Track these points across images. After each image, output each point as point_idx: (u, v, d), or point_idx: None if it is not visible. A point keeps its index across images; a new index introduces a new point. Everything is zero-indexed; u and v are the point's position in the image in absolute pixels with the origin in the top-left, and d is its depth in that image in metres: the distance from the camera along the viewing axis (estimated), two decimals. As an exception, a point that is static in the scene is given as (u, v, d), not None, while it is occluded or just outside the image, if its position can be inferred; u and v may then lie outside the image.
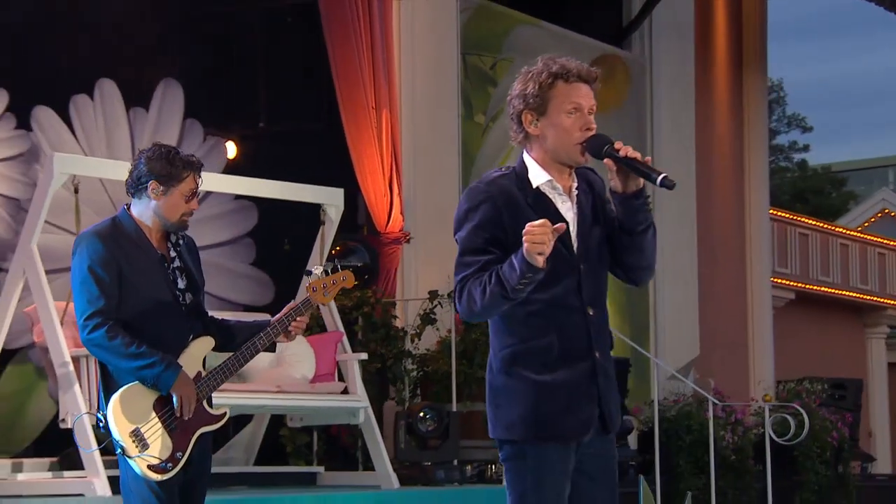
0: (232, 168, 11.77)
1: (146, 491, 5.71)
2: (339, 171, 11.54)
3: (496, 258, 4.49)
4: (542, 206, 4.59)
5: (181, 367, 5.77)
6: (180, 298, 5.94)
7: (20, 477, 8.89)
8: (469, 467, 10.81)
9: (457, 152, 12.46)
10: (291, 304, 6.24)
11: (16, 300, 8.97)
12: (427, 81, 12.29)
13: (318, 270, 6.28)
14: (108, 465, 8.51)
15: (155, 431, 5.75)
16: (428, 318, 10.90)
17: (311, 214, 10.32)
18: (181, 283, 5.99)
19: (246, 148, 12.14)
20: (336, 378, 9.74)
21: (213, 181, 10.37)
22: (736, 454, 12.31)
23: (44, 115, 10.69)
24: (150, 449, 5.70)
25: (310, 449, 10.67)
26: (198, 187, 6.05)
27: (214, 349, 6.09)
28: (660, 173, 4.49)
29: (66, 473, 8.97)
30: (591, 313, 4.62)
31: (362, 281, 11.29)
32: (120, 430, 5.68)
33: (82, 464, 8.74)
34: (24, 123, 10.57)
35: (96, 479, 8.39)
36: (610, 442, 4.75)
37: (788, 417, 11.23)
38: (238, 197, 11.20)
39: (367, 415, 9.62)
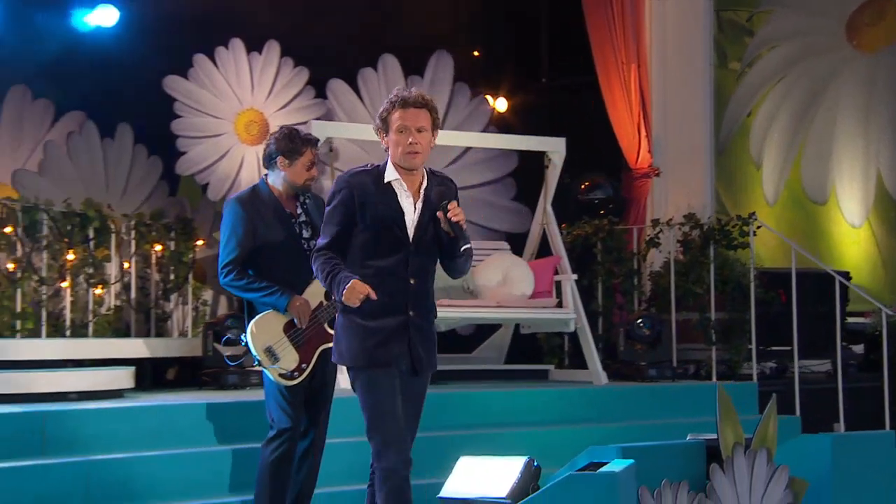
0: (501, 121, 12.36)
1: (278, 395, 6.52)
2: (600, 117, 12.02)
3: (343, 231, 5.39)
4: (387, 197, 5.36)
5: (293, 294, 6.48)
6: (304, 246, 6.63)
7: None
8: (692, 366, 11.16)
9: (705, 97, 12.59)
10: None
11: None
12: (678, 38, 12.48)
13: None
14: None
15: (284, 348, 6.51)
16: (652, 242, 11.23)
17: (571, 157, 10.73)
18: (305, 234, 6.67)
19: (528, 101, 12.69)
20: (554, 294, 10.20)
21: (452, 138, 10.95)
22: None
23: (337, 87, 11.50)
24: (280, 361, 6.48)
25: (562, 349, 11.29)
26: (315, 157, 6.70)
27: None
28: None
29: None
30: (412, 282, 5.35)
31: (607, 210, 11.80)
32: (256, 348, 6.48)
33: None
34: (321, 93, 11.47)
35: (340, 374, 9.31)
36: (420, 379, 5.56)
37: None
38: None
39: (583, 323, 10.14)
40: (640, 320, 10.59)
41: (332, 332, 6.49)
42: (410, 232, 5.40)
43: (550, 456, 7.16)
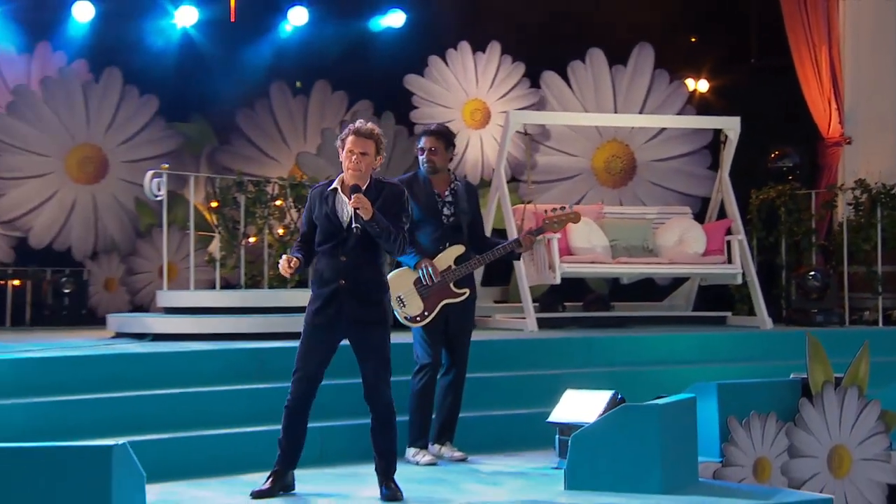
0: (704, 101, 12.64)
1: (420, 338, 7.40)
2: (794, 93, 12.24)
3: (308, 227, 6.41)
4: (331, 201, 6.31)
5: (422, 257, 7.31)
6: (444, 221, 7.42)
7: (498, 316, 10.75)
8: (867, 313, 11.31)
9: (898, 71, 12.51)
10: (529, 228, 7.61)
11: (495, 202, 10.72)
12: (874, 18, 12.37)
13: (551, 210, 7.53)
14: (537, 311, 10.19)
15: (411, 297, 7.34)
16: (828, 205, 11.43)
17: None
18: (447, 211, 7.42)
19: (737, 81, 12.93)
20: (725, 252, 10.61)
21: (640, 120, 11.43)
22: None
23: (550, 78, 12.17)
24: (406, 308, 7.34)
25: (750, 298, 11.60)
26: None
27: (475, 252, 7.47)
28: (352, 222, 6.19)
29: (506, 315, 10.59)
30: (343, 259, 6.23)
31: (794, 177, 12.05)
32: (391, 295, 7.20)
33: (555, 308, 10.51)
34: (535, 83, 12.19)
35: (529, 319, 10.13)
36: (368, 330, 6.29)
37: None
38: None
39: (751, 276, 10.53)
40: (810, 273, 10.91)
41: (457, 290, 7.40)
42: (344, 223, 6.27)
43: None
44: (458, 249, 7.45)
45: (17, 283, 12.44)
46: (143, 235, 12.84)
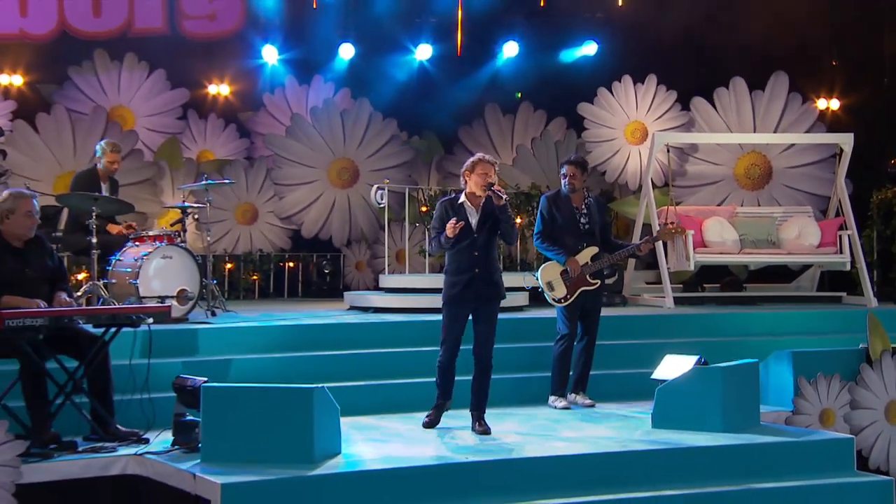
0: (836, 119, 12.97)
1: (561, 313, 8.40)
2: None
3: (441, 230, 7.29)
4: (459, 210, 7.36)
5: (568, 255, 8.28)
6: (581, 228, 8.36)
7: (646, 295, 11.55)
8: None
9: None
10: (649, 236, 8.58)
11: (644, 205, 11.53)
12: None
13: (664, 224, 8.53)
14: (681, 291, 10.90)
15: (558, 284, 8.34)
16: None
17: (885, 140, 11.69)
18: (583, 220, 8.37)
19: (869, 99, 13.12)
20: (837, 245, 11.09)
21: (773, 138, 11.88)
22: None
23: (698, 102, 12.72)
24: (553, 291, 8.35)
25: (872, 282, 11.75)
26: (572, 172, 8.42)
27: (605, 252, 8.40)
28: (499, 199, 7.20)
29: (652, 294, 11.24)
30: (476, 254, 7.29)
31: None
32: (542, 281, 8.40)
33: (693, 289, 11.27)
34: (685, 107, 12.77)
35: (667, 298, 10.88)
36: (490, 306, 7.40)
37: None
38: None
39: (861, 264, 10.95)
40: (919, 259, 11.36)
41: (591, 281, 8.36)
42: (474, 227, 7.37)
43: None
44: (593, 250, 8.43)
45: (291, 264, 13.93)
46: (384, 228, 14.16)
